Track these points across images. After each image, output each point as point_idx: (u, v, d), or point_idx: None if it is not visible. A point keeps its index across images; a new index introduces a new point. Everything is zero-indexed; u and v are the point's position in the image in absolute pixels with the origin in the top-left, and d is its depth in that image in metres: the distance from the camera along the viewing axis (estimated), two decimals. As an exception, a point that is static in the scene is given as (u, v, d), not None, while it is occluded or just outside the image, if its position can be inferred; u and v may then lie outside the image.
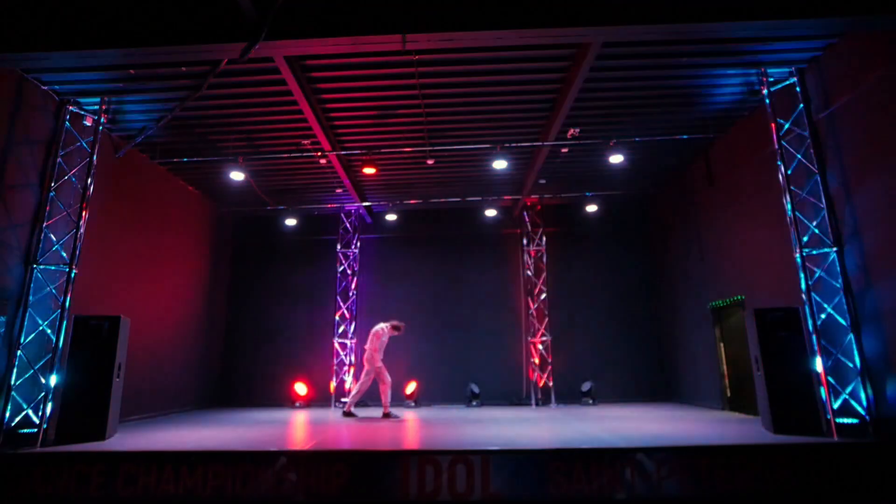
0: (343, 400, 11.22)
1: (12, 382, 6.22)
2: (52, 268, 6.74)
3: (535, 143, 8.92)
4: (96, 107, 7.34)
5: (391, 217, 12.03)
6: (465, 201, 11.80)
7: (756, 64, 6.87)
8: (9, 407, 6.14)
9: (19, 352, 6.32)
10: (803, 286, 6.42)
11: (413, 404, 11.10)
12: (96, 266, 7.69)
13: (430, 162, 9.10)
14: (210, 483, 5.10)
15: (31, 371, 6.40)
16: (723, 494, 4.94)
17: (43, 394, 6.33)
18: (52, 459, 5.29)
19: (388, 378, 8.97)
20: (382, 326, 9.15)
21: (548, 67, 7.02)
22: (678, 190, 10.77)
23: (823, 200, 6.49)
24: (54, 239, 6.86)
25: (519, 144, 8.97)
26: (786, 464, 5.04)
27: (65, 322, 6.58)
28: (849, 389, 6.01)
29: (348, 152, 9.12)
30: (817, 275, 6.43)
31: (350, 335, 11.82)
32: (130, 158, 8.60)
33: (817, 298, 6.36)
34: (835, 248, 6.33)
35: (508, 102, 7.82)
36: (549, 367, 11.20)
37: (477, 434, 6.65)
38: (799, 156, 6.76)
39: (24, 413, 6.24)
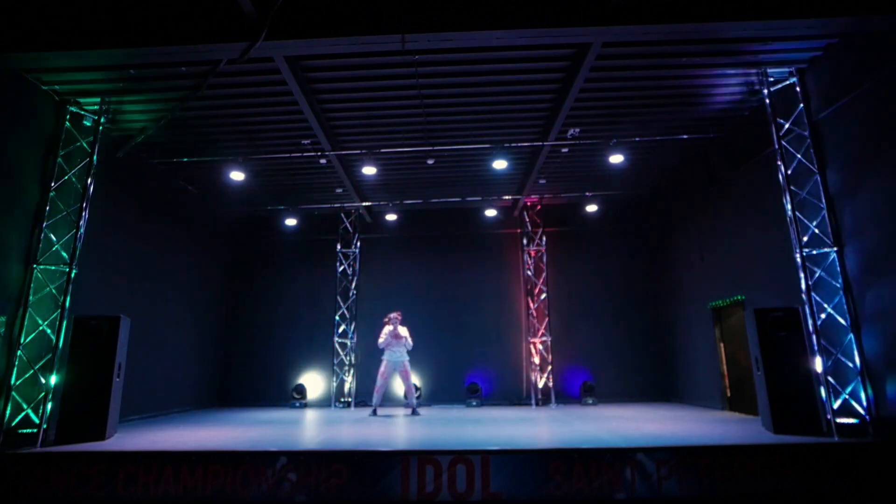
0: (343, 399, 11.26)
1: (12, 382, 6.23)
2: (52, 268, 6.74)
3: (535, 143, 8.92)
4: (96, 107, 7.33)
5: (391, 217, 12.03)
6: (464, 201, 11.80)
7: (756, 64, 6.87)
8: (9, 407, 6.14)
9: (19, 352, 6.32)
10: (803, 286, 6.42)
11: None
12: (96, 266, 7.69)
13: (430, 162, 9.10)
14: (210, 483, 5.11)
15: (31, 371, 6.40)
16: (723, 494, 4.94)
17: (43, 394, 6.33)
18: (52, 459, 5.29)
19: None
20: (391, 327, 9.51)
21: (548, 67, 7.01)
22: (678, 190, 10.77)
23: (823, 200, 6.49)
24: (54, 239, 6.85)
25: (519, 144, 8.97)
26: (786, 464, 5.04)
27: (65, 322, 6.58)
28: (849, 389, 6.01)
29: (348, 152, 9.13)
30: (817, 275, 6.43)
31: (350, 335, 11.82)
32: (130, 158, 8.60)
33: (817, 298, 6.36)
34: (835, 248, 6.33)
35: (508, 102, 7.81)
36: (549, 367, 11.20)
37: (477, 434, 6.64)
38: (799, 156, 6.76)
39: (24, 413, 6.24)
